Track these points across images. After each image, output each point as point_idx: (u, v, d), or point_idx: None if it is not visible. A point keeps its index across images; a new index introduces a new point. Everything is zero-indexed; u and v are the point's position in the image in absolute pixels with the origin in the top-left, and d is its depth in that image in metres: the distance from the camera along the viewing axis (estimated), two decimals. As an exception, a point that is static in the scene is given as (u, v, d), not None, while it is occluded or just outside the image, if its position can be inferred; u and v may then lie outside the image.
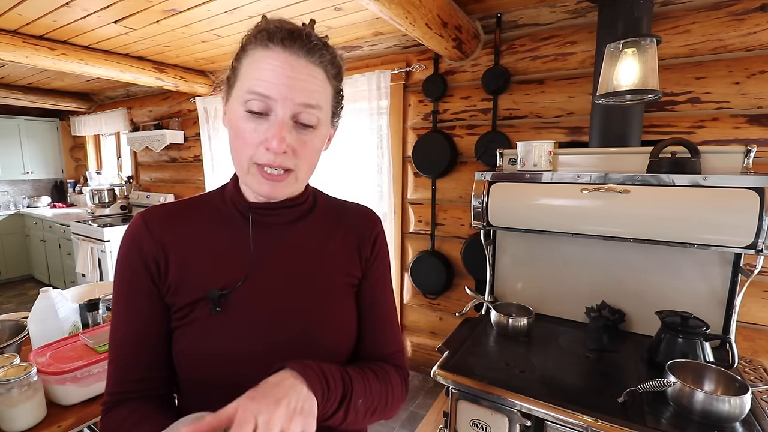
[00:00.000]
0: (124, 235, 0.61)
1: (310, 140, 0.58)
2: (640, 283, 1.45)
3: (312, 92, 0.55)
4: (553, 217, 1.36)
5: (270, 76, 0.53)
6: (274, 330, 0.59)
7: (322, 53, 0.56)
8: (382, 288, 0.70)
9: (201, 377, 0.58)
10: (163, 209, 0.63)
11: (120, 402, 0.58)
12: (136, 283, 0.59)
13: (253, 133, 0.55)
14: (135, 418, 0.55)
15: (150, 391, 0.60)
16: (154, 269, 0.59)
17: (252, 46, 0.55)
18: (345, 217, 0.70)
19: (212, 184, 3.38)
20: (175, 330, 0.59)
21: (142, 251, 0.59)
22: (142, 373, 0.59)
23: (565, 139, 1.84)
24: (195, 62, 2.96)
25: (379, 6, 1.32)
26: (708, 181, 1.12)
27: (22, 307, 3.80)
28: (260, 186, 0.57)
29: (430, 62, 2.16)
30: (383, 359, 0.67)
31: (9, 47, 2.24)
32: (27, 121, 4.67)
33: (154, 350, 0.59)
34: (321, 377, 0.51)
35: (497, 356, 1.34)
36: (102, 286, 1.64)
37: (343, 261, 0.66)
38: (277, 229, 0.64)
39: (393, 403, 0.64)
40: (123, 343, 0.59)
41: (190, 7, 1.89)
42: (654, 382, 1.02)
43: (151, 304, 0.59)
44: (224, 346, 0.57)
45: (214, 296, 0.57)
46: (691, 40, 1.54)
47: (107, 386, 0.59)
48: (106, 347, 1.07)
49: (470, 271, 2.13)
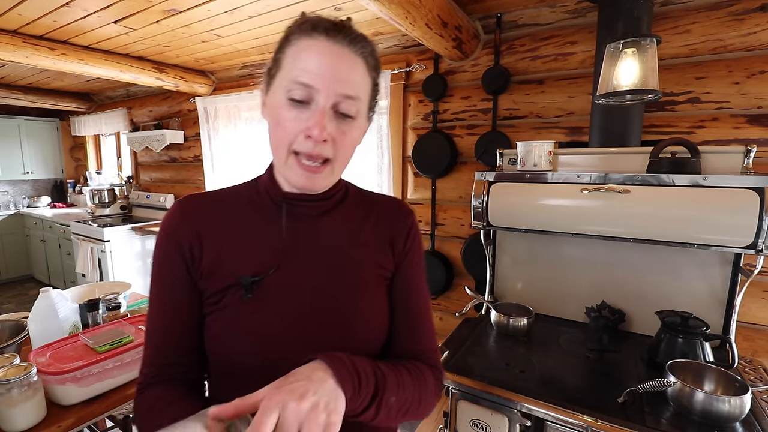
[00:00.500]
0: (162, 222, 0.64)
1: (349, 130, 0.58)
2: (640, 283, 1.45)
3: (353, 83, 0.56)
4: (553, 217, 1.36)
5: (313, 66, 0.54)
6: (305, 318, 0.59)
7: (364, 44, 0.57)
8: (415, 282, 0.69)
9: (231, 363, 0.59)
10: (200, 197, 0.66)
11: (152, 384, 0.61)
12: (171, 271, 0.61)
13: (294, 122, 0.55)
14: (166, 400, 0.58)
15: (180, 375, 0.62)
16: (188, 255, 0.61)
17: (296, 36, 0.56)
18: (376, 209, 0.70)
19: (212, 184, 3.38)
20: (207, 316, 0.61)
21: (178, 238, 0.61)
22: (173, 357, 0.62)
23: (565, 139, 1.84)
24: (195, 62, 2.96)
25: (379, 6, 1.32)
26: (708, 181, 1.12)
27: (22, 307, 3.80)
28: (298, 178, 0.58)
29: (430, 62, 2.16)
30: (416, 356, 0.66)
31: (9, 47, 2.23)
32: (27, 121, 4.67)
33: (185, 336, 0.62)
34: (352, 372, 0.50)
35: (497, 356, 1.34)
36: (102, 286, 1.64)
37: (374, 253, 0.66)
38: (309, 219, 0.65)
39: (426, 403, 0.63)
40: (156, 329, 0.63)
41: (190, 7, 1.89)
42: (654, 382, 1.02)
43: (183, 293, 0.61)
44: (254, 333, 0.58)
45: (246, 282, 0.58)
46: (691, 40, 1.53)
47: (141, 367, 0.63)
48: (106, 347, 1.07)
49: (470, 271, 2.13)
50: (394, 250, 0.67)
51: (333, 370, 0.48)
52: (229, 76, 3.19)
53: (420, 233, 0.72)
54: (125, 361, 1.08)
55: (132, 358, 1.09)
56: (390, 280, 0.67)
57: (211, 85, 3.29)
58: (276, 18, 2.03)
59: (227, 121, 3.18)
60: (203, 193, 0.67)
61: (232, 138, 3.20)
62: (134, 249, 3.50)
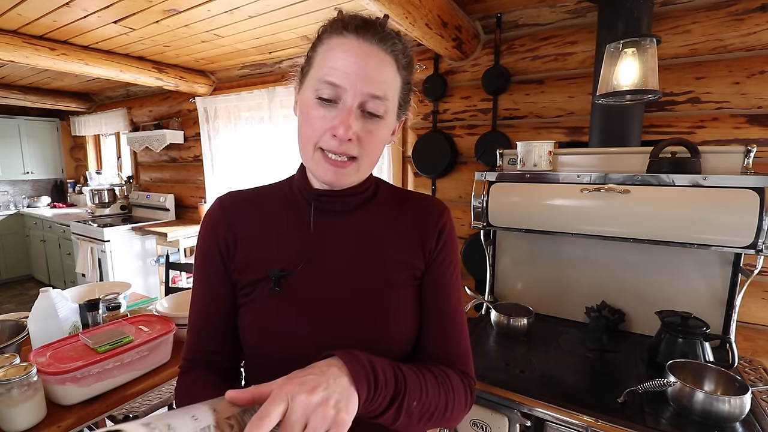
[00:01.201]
0: (204, 216, 0.68)
1: (376, 129, 0.58)
2: (640, 283, 1.45)
3: (381, 82, 0.56)
4: (553, 217, 1.36)
5: (342, 65, 0.54)
6: (329, 315, 0.60)
7: (395, 42, 0.57)
8: (447, 283, 0.66)
9: (260, 354, 0.62)
10: (239, 195, 0.69)
11: (192, 367, 0.66)
12: (209, 262, 0.65)
13: (321, 120, 0.56)
14: (202, 383, 0.61)
15: (216, 363, 0.66)
16: (224, 248, 0.64)
17: (327, 34, 0.57)
18: (408, 207, 0.69)
19: (212, 184, 3.38)
20: (240, 307, 0.64)
21: (216, 231, 0.65)
22: (209, 344, 0.66)
23: (565, 139, 1.84)
24: (195, 62, 2.96)
25: (379, 6, 1.32)
26: (708, 181, 1.12)
27: (22, 307, 3.80)
28: (324, 172, 0.59)
29: (430, 62, 2.15)
30: (446, 361, 0.63)
31: (9, 47, 2.23)
32: (27, 121, 4.67)
33: (221, 325, 0.65)
34: (369, 372, 0.49)
35: (497, 356, 1.34)
36: (102, 286, 1.64)
37: (404, 251, 0.65)
38: (337, 216, 0.66)
39: (454, 411, 0.60)
40: (196, 316, 0.67)
41: (190, 7, 1.89)
42: (654, 382, 1.02)
43: (219, 283, 0.65)
44: (279, 326, 0.60)
45: (274, 276, 0.60)
46: (691, 40, 1.53)
47: (184, 351, 0.67)
48: (106, 347, 1.07)
49: (470, 271, 2.13)
50: (425, 249, 0.66)
51: (349, 367, 0.47)
52: (229, 76, 3.19)
53: (454, 232, 0.70)
54: (125, 361, 1.08)
55: (132, 358, 1.09)
56: (420, 280, 0.66)
57: (211, 85, 3.28)
58: (276, 18, 2.03)
59: (227, 121, 3.18)
60: (242, 191, 0.70)
61: (232, 138, 3.20)
62: (134, 249, 3.50)
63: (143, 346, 1.12)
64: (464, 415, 0.63)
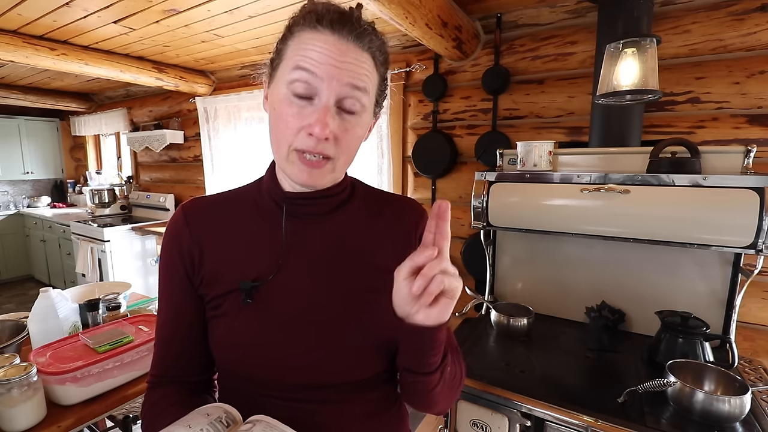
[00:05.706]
0: (167, 227, 0.64)
1: (353, 128, 0.56)
2: (640, 283, 1.45)
3: (360, 75, 0.54)
4: (553, 217, 1.36)
5: (317, 57, 0.51)
6: (304, 322, 0.57)
7: (372, 38, 0.54)
8: None
9: (234, 367, 0.59)
10: (203, 201, 0.65)
11: (160, 383, 0.63)
12: (173, 275, 0.62)
13: (296, 118, 0.53)
14: (169, 401, 0.59)
15: (185, 377, 0.64)
16: (189, 262, 0.61)
17: (299, 27, 0.54)
18: (388, 210, 0.67)
19: (212, 184, 3.38)
20: (209, 321, 0.61)
21: (180, 243, 0.61)
22: (176, 359, 0.63)
23: (565, 139, 1.84)
24: (195, 62, 2.96)
25: (379, 6, 1.32)
26: (708, 181, 1.12)
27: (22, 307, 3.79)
28: (299, 173, 0.56)
29: (430, 62, 2.15)
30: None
31: (9, 47, 2.23)
32: (27, 121, 4.67)
33: (189, 339, 0.62)
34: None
35: (497, 356, 1.34)
36: (102, 286, 1.64)
37: (384, 256, 0.62)
38: (312, 219, 0.62)
39: (459, 387, 0.63)
40: (162, 330, 0.64)
41: (190, 7, 1.89)
42: (654, 382, 1.02)
43: (184, 296, 0.61)
44: (254, 338, 0.57)
45: (245, 287, 0.57)
46: (691, 40, 1.53)
47: (151, 367, 0.65)
48: (106, 347, 1.07)
49: (470, 271, 2.13)
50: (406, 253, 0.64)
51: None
52: (229, 76, 3.19)
53: None
54: (125, 361, 1.08)
55: (132, 358, 1.09)
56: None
57: (211, 85, 3.28)
58: (276, 18, 2.03)
59: (227, 121, 3.18)
60: (206, 197, 0.66)
61: (232, 138, 3.20)
62: (134, 249, 3.50)
63: (143, 346, 1.11)
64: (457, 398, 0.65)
